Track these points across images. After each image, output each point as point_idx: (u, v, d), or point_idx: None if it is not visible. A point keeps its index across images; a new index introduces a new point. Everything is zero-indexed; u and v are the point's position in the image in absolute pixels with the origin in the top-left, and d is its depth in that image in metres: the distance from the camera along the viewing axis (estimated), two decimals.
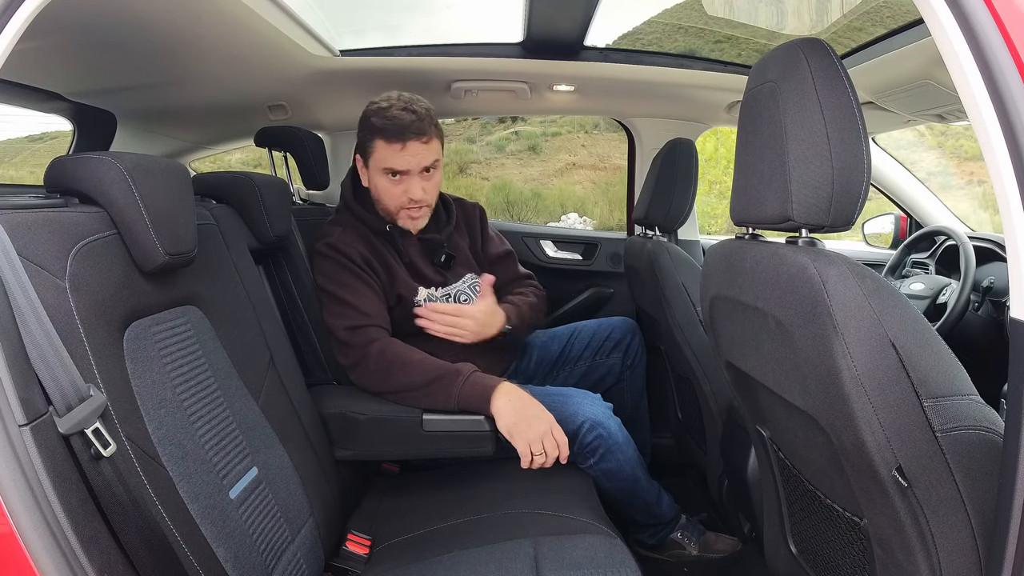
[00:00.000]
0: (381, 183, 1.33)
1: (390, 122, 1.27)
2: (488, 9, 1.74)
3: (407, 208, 1.34)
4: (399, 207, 1.34)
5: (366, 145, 1.32)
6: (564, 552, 0.93)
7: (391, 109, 1.28)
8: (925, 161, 5.93)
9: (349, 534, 1.06)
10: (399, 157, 1.28)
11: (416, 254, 1.39)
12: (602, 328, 1.63)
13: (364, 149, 1.33)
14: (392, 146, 1.27)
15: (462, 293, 1.42)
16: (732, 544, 1.52)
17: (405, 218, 1.36)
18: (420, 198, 1.32)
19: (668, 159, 1.57)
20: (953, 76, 0.58)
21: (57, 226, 0.71)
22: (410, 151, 1.28)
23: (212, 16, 1.14)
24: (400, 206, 1.34)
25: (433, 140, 1.31)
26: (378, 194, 1.35)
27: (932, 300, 1.54)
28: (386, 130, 1.27)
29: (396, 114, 1.27)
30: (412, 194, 1.31)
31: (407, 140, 1.27)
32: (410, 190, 1.31)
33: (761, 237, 0.85)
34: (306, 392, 1.17)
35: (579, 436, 1.22)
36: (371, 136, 1.30)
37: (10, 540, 0.55)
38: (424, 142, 1.29)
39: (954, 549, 0.62)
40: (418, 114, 1.28)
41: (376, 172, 1.32)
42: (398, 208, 1.34)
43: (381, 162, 1.30)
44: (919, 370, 0.60)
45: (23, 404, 0.57)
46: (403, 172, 1.30)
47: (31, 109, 1.52)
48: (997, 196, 0.55)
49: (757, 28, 1.89)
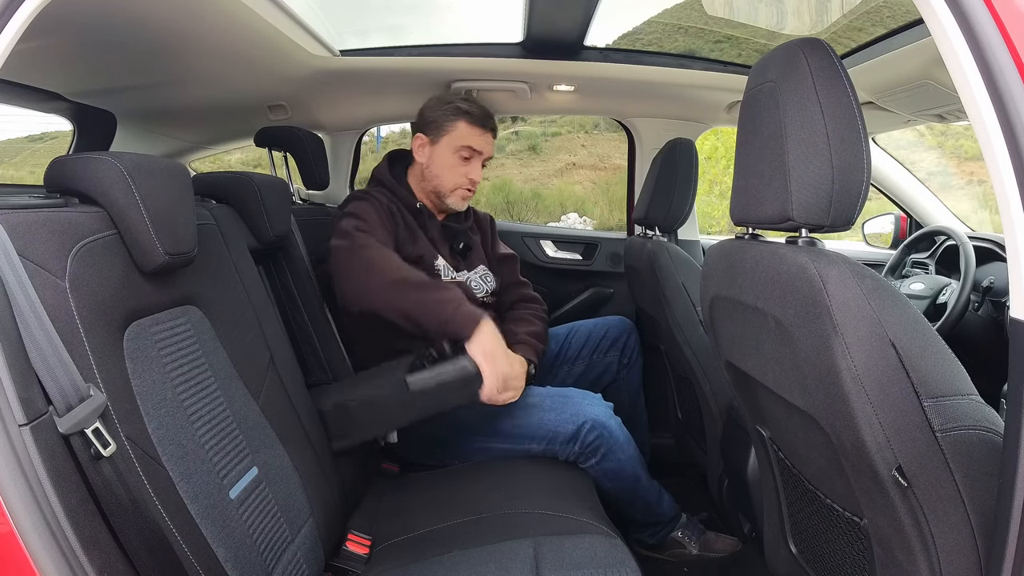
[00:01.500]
0: (450, 160, 1.43)
1: (479, 109, 1.44)
2: (488, 9, 1.74)
3: (463, 188, 1.45)
4: (457, 186, 1.44)
5: (443, 123, 1.43)
6: (564, 552, 0.93)
7: (474, 102, 1.45)
8: (925, 161, 5.93)
9: (349, 534, 1.06)
10: (481, 139, 1.43)
11: (437, 236, 1.46)
12: (598, 327, 1.64)
13: (439, 127, 1.43)
14: (476, 129, 1.43)
15: (473, 281, 1.48)
16: (732, 544, 1.52)
17: (457, 198, 1.46)
18: (478, 182, 1.46)
19: (668, 159, 1.57)
20: (953, 76, 0.58)
21: (57, 226, 0.71)
22: (488, 139, 1.45)
23: (212, 16, 1.14)
24: (458, 185, 1.45)
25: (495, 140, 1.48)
26: (439, 171, 1.44)
27: (932, 300, 1.54)
28: (474, 114, 1.42)
29: (481, 106, 1.45)
30: (474, 175, 1.45)
31: (488, 128, 1.45)
32: (473, 172, 1.45)
33: (761, 237, 0.85)
34: (306, 392, 1.17)
35: (580, 436, 1.22)
36: (455, 116, 1.42)
37: (10, 540, 0.55)
38: (494, 137, 1.47)
39: (954, 549, 0.62)
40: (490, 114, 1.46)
41: (448, 149, 1.43)
42: (456, 187, 1.44)
43: (461, 139, 1.42)
44: (919, 370, 0.60)
45: (23, 404, 0.57)
46: (477, 153, 1.44)
47: (31, 109, 1.52)
48: (997, 196, 0.55)
49: (757, 28, 1.88)
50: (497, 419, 1.28)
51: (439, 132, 1.43)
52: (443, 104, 1.44)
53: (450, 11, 1.80)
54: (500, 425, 1.27)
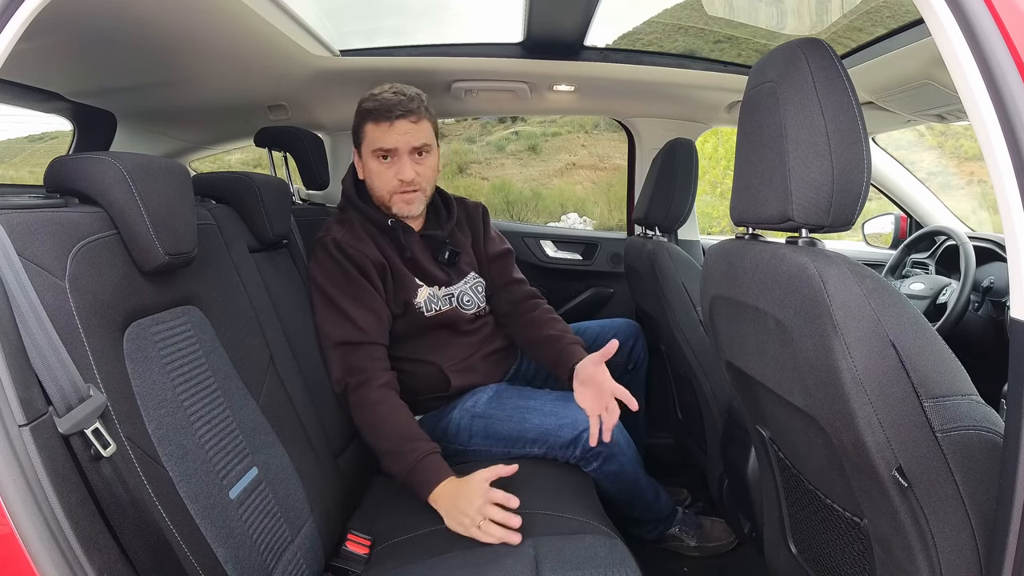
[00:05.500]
0: (373, 167, 1.32)
1: (379, 103, 1.28)
2: (488, 9, 1.74)
3: (400, 192, 1.32)
4: (391, 191, 1.32)
5: (359, 132, 1.33)
6: (564, 552, 0.93)
7: (382, 94, 1.30)
8: (925, 161, 5.93)
9: (349, 534, 1.06)
10: (387, 136, 1.29)
11: (419, 251, 1.37)
12: (605, 331, 1.62)
13: (357, 137, 1.35)
14: (380, 126, 1.29)
15: (464, 294, 1.41)
16: (726, 530, 1.54)
17: (399, 203, 1.33)
18: (411, 179, 1.31)
19: (668, 159, 1.57)
20: (953, 76, 0.58)
21: (57, 226, 0.71)
22: (398, 129, 1.28)
23: (212, 16, 1.14)
24: (392, 190, 1.32)
25: (423, 121, 1.31)
26: (371, 181, 1.34)
27: (932, 300, 1.54)
28: (374, 111, 1.29)
29: (385, 96, 1.29)
30: (403, 175, 1.30)
31: (395, 118, 1.27)
32: (401, 171, 1.30)
33: (761, 237, 0.85)
34: (306, 392, 1.17)
35: (581, 442, 1.21)
36: (362, 121, 1.31)
37: (10, 540, 0.55)
38: (412, 121, 1.29)
39: (954, 549, 0.62)
40: (407, 95, 1.29)
41: (368, 157, 1.32)
42: (391, 193, 1.32)
43: (371, 144, 1.31)
44: (919, 370, 0.60)
45: (23, 404, 0.56)
46: (392, 151, 1.30)
47: (31, 109, 1.52)
48: (997, 196, 0.55)
49: (757, 28, 1.88)
50: (497, 424, 1.28)
51: (358, 142, 1.35)
52: (358, 110, 1.33)
53: (450, 11, 1.80)
54: (500, 429, 1.27)
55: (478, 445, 1.29)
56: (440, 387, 1.35)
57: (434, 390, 1.36)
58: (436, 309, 1.35)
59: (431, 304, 1.35)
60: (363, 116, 1.31)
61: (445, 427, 1.32)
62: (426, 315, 1.34)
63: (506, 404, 1.30)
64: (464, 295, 1.41)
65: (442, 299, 1.37)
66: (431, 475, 1.09)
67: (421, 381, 1.35)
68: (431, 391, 1.36)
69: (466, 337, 1.40)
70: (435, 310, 1.35)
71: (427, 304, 1.34)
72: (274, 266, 1.27)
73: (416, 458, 1.11)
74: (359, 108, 1.32)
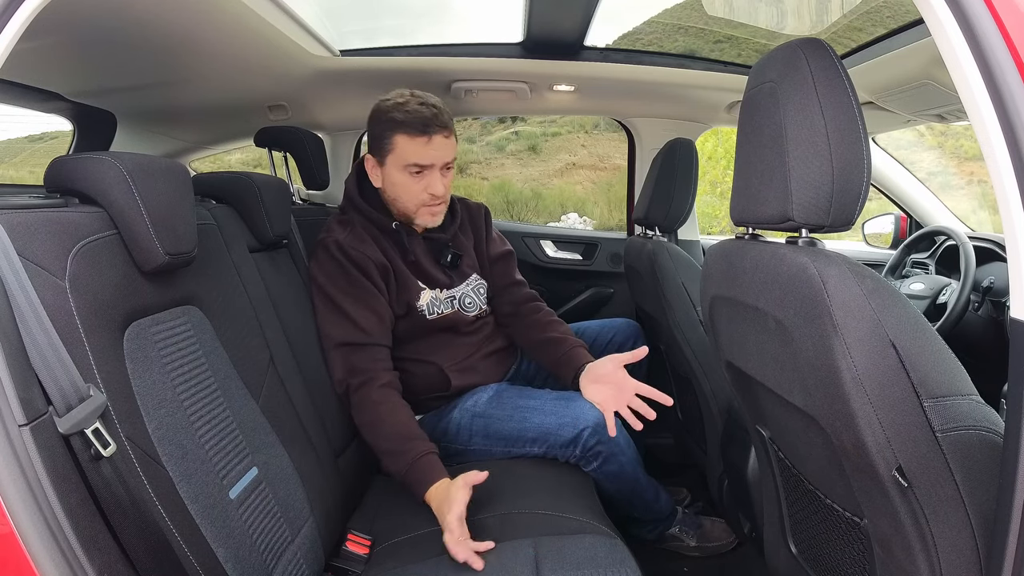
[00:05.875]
0: (401, 180, 1.28)
1: (413, 115, 1.23)
2: (488, 9, 1.74)
3: (428, 205, 1.30)
4: (419, 204, 1.30)
5: (383, 142, 1.27)
6: (564, 552, 0.93)
7: (409, 104, 1.24)
8: (925, 161, 5.93)
9: (349, 534, 1.06)
10: (425, 151, 1.24)
11: (422, 254, 1.36)
12: (605, 331, 1.62)
13: (380, 146, 1.28)
14: (417, 140, 1.23)
15: (466, 296, 1.41)
16: (726, 530, 1.54)
17: (426, 215, 1.31)
18: (442, 194, 1.29)
19: (668, 159, 1.57)
20: (953, 76, 0.58)
21: (57, 226, 0.71)
22: (435, 145, 1.25)
23: (212, 16, 1.14)
24: (421, 203, 1.29)
25: (451, 136, 1.28)
26: (396, 193, 1.30)
27: (932, 300, 1.54)
28: (409, 124, 1.23)
29: (417, 108, 1.23)
30: (434, 189, 1.27)
31: (432, 133, 1.23)
32: (432, 186, 1.27)
33: (761, 237, 0.85)
34: (306, 392, 1.17)
35: (581, 441, 1.21)
36: (391, 131, 1.25)
37: (10, 540, 0.55)
38: (446, 136, 1.26)
39: (954, 549, 0.62)
40: (438, 107, 1.25)
41: (396, 169, 1.27)
42: (418, 206, 1.30)
43: (404, 158, 1.25)
44: (919, 370, 0.60)
45: (23, 404, 0.56)
46: (427, 167, 1.26)
47: (31, 109, 1.52)
48: (997, 196, 0.55)
49: (757, 28, 1.89)
50: (497, 424, 1.28)
51: (383, 152, 1.28)
52: (381, 118, 1.26)
53: (450, 11, 1.80)
54: (500, 429, 1.27)
55: (478, 445, 1.29)
56: (440, 387, 1.35)
57: (434, 390, 1.36)
58: (439, 312, 1.35)
59: (433, 307, 1.35)
60: (393, 127, 1.25)
61: (445, 427, 1.32)
62: (428, 318, 1.34)
63: (506, 404, 1.30)
64: (466, 297, 1.41)
65: (444, 302, 1.37)
66: (427, 475, 1.09)
67: (421, 381, 1.35)
68: (431, 391, 1.36)
69: (466, 337, 1.40)
70: (437, 313, 1.35)
71: (429, 307, 1.34)
72: (274, 266, 1.27)
73: (414, 457, 1.11)
74: (385, 117, 1.26)
